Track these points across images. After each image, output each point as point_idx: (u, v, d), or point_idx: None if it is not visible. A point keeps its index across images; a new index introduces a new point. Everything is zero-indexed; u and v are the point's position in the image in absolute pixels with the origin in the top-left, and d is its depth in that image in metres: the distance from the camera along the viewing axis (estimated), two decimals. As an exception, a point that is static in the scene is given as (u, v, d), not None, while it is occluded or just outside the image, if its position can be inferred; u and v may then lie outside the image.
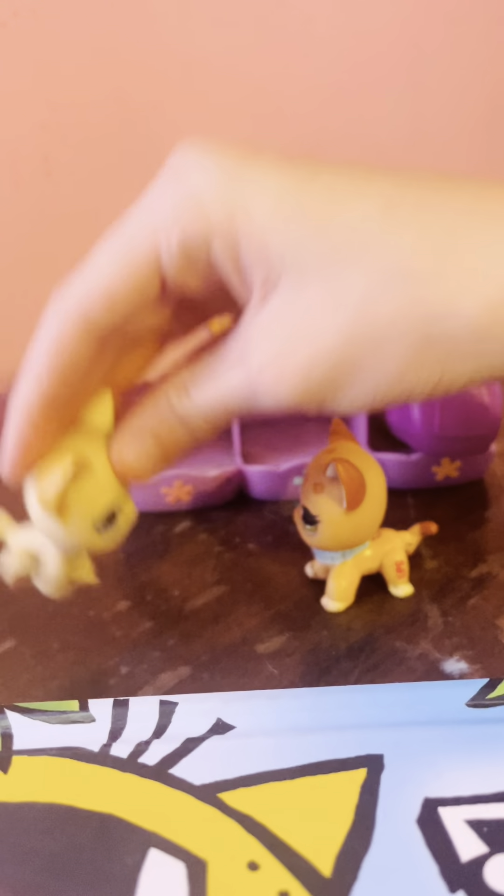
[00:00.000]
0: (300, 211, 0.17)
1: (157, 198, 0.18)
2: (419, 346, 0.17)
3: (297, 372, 0.17)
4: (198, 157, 0.18)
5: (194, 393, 0.19)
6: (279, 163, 0.18)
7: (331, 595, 0.26)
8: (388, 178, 0.17)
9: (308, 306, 0.17)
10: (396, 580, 0.27)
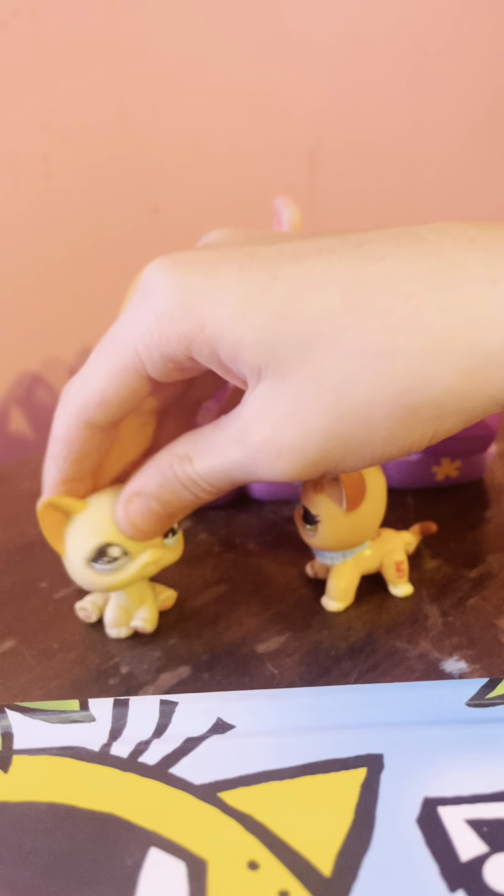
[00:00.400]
0: (265, 312, 0.18)
1: (133, 318, 0.20)
2: (404, 415, 0.18)
3: (292, 452, 0.19)
4: (163, 277, 0.19)
5: (197, 463, 0.21)
6: (240, 271, 0.19)
7: (331, 595, 0.26)
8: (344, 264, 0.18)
9: (293, 392, 0.18)
10: (396, 580, 0.27)
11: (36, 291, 0.44)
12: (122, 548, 0.23)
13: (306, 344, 0.18)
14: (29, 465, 0.38)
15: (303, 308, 0.18)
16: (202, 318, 0.19)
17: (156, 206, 0.47)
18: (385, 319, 0.18)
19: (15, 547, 0.31)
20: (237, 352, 0.19)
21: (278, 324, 0.18)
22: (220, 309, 0.18)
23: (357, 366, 0.18)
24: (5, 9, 0.38)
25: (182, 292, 0.19)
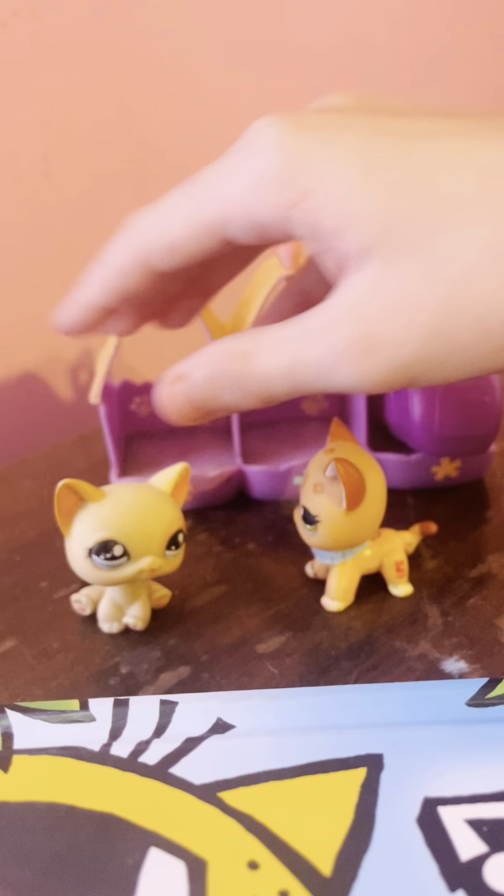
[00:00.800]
0: (391, 185, 0.16)
1: (229, 173, 0.18)
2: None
3: (386, 348, 0.17)
4: (273, 137, 0.17)
5: (258, 360, 0.19)
6: (366, 141, 0.17)
7: (331, 595, 0.26)
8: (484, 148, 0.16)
9: (401, 280, 0.17)
10: (396, 580, 0.27)
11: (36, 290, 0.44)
12: (124, 548, 0.23)
13: (431, 226, 0.16)
14: (29, 464, 0.38)
15: (434, 187, 0.16)
16: (311, 184, 0.17)
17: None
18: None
19: (15, 547, 0.31)
20: (346, 225, 0.17)
21: (403, 200, 0.16)
22: (334, 176, 0.17)
23: (484, 258, 0.16)
24: (5, 9, 0.38)
25: (292, 155, 0.17)
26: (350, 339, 0.17)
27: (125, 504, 0.23)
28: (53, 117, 0.42)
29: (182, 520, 0.25)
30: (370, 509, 0.25)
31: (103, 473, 0.36)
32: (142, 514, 0.23)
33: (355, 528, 0.25)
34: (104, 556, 0.23)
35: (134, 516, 0.23)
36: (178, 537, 0.24)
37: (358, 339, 0.17)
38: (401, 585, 0.27)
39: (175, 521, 0.24)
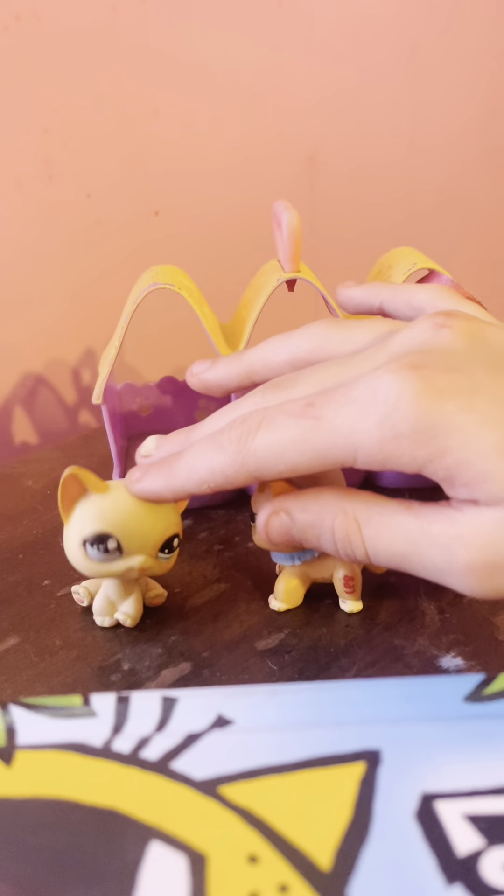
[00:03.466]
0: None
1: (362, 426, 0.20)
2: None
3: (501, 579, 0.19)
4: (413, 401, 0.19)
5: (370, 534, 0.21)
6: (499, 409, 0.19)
7: (276, 595, 0.26)
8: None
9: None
10: (343, 594, 0.26)
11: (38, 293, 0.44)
12: (119, 543, 0.23)
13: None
14: (31, 464, 0.39)
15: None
16: (449, 446, 0.19)
17: (156, 210, 0.48)
18: None
19: (18, 545, 0.31)
20: (480, 482, 0.19)
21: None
22: (473, 441, 0.19)
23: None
24: (7, 13, 0.38)
25: (431, 419, 0.19)
26: (474, 564, 0.20)
27: (127, 501, 0.24)
28: (55, 121, 0.42)
29: (180, 525, 0.25)
30: None
31: (105, 473, 0.36)
32: (141, 513, 0.24)
33: None
34: (98, 547, 0.23)
35: (133, 514, 0.24)
36: (174, 542, 0.24)
37: (482, 566, 0.19)
38: (349, 601, 0.26)
39: (173, 525, 0.24)
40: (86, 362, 0.48)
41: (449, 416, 0.19)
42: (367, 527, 0.21)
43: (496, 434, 0.19)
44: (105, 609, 0.26)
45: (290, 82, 0.52)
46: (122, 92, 0.44)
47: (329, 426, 0.20)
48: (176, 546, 0.25)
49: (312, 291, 0.52)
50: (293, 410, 0.21)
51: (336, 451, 0.20)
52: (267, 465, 0.21)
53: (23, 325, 0.44)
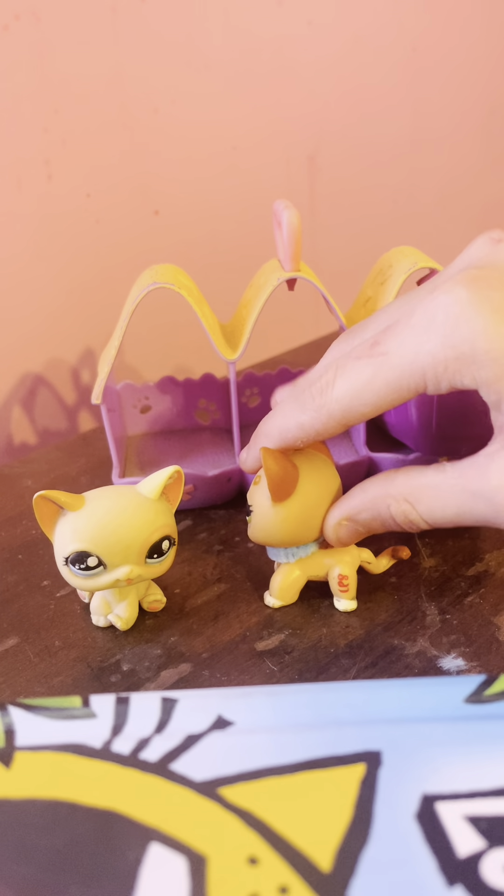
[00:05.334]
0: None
1: (427, 348, 0.20)
2: None
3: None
4: (474, 319, 0.19)
5: (422, 508, 0.22)
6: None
7: (271, 591, 0.26)
8: None
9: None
10: (338, 593, 0.26)
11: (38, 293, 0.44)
12: (99, 559, 0.23)
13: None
14: (31, 464, 0.39)
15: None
16: None
17: (156, 209, 0.48)
18: None
19: (17, 546, 0.31)
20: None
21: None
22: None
23: None
24: (7, 12, 0.38)
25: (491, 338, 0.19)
26: None
27: (101, 514, 0.23)
28: (55, 121, 0.42)
29: (169, 526, 0.24)
30: (307, 509, 0.24)
31: (105, 473, 0.36)
32: (118, 524, 0.23)
33: (284, 523, 0.24)
34: (78, 566, 0.23)
35: (109, 527, 0.23)
36: (163, 545, 0.24)
37: None
38: (343, 600, 0.26)
39: (158, 528, 0.24)
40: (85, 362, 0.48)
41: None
42: (419, 504, 0.22)
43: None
44: (101, 608, 0.26)
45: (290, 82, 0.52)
46: (121, 91, 0.44)
47: (396, 358, 0.21)
48: (167, 549, 0.24)
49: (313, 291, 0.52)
50: (361, 353, 0.22)
51: (407, 380, 0.21)
52: (351, 410, 0.22)
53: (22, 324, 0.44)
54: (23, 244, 0.43)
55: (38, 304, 0.45)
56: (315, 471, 0.25)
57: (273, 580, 0.26)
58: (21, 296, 0.44)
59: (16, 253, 0.43)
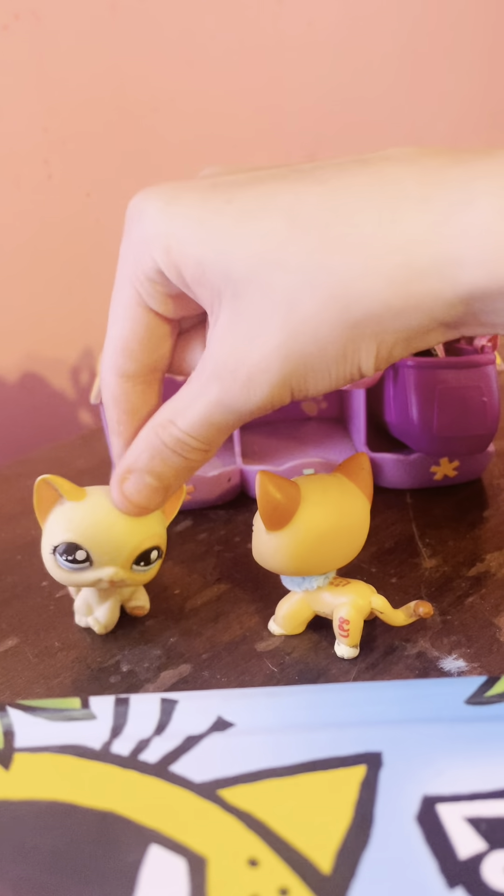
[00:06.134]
0: (219, 232, 0.19)
1: (123, 252, 0.21)
2: (348, 330, 0.19)
3: (259, 374, 0.19)
4: (137, 206, 0.20)
5: (180, 421, 0.21)
6: (201, 193, 0.20)
7: (275, 617, 0.26)
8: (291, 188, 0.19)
9: (249, 312, 0.19)
10: (339, 636, 0.24)
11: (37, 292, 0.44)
12: (88, 554, 0.23)
13: (255, 262, 0.19)
14: (29, 464, 0.39)
15: (252, 227, 0.19)
16: (169, 242, 0.20)
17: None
18: (325, 236, 0.18)
19: (16, 546, 0.31)
20: (200, 273, 0.19)
21: (231, 243, 0.19)
22: (181, 231, 0.19)
23: (301, 281, 0.18)
24: (7, 12, 0.38)
25: (152, 218, 0.20)
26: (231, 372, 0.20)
27: (101, 510, 0.23)
28: (54, 120, 0.42)
29: (161, 537, 0.24)
30: (308, 541, 0.23)
31: (105, 473, 0.36)
32: (114, 524, 0.23)
33: (278, 553, 0.23)
34: (66, 557, 0.23)
35: (106, 525, 0.23)
36: (151, 555, 0.24)
37: (236, 370, 0.19)
38: (342, 644, 0.24)
39: (150, 537, 0.24)
40: (84, 362, 0.48)
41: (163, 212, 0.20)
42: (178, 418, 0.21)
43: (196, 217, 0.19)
44: (83, 609, 0.26)
45: (290, 80, 0.52)
46: (121, 90, 0.44)
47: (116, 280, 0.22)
48: (154, 559, 0.24)
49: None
50: None
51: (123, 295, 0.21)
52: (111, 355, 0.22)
53: (22, 324, 0.44)
54: (22, 243, 0.43)
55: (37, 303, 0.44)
56: (327, 501, 0.23)
57: (279, 607, 0.25)
58: (21, 295, 0.44)
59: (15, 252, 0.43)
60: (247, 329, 0.19)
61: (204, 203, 0.20)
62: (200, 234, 0.19)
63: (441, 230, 0.18)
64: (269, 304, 0.19)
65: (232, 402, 0.20)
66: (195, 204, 0.20)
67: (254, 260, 0.19)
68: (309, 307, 0.18)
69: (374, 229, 0.18)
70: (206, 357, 0.20)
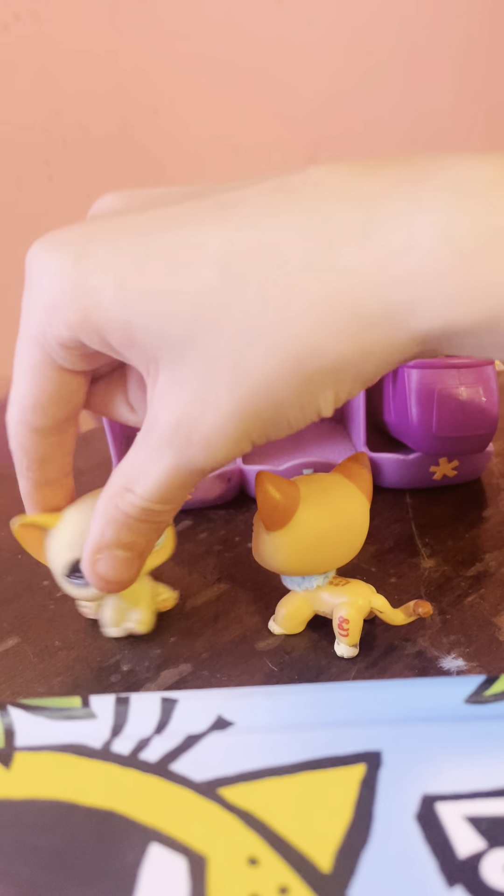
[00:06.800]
0: (143, 294, 0.17)
1: (26, 312, 0.20)
2: (304, 385, 0.18)
3: (217, 436, 0.18)
4: (40, 264, 0.19)
5: (139, 489, 0.20)
6: (113, 242, 0.18)
7: (275, 617, 0.26)
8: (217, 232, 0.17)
9: (194, 377, 0.18)
10: (338, 636, 0.24)
11: (37, 292, 0.44)
12: None
13: (191, 324, 0.17)
14: (30, 465, 0.39)
15: (182, 284, 0.17)
16: (85, 305, 0.18)
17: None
18: (263, 291, 0.17)
19: (16, 546, 0.31)
20: (128, 340, 0.18)
21: (161, 304, 0.17)
22: (99, 295, 0.18)
23: (245, 342, 0.17)
24: (7, 12, 0.38)
25: (59, 279, 0.18)
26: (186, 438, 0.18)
27: (81, 519, 0.23)
28: (55, 121, 0.42)
29: None
30: (307, 541, 0.23)
31: (105, 473, 0.36)
32: None
33: (278, 553, 0.23)
34: (77, 575, 0.23)
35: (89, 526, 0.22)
36: None
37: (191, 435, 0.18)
38: (342, 644, 0.24)
39: None
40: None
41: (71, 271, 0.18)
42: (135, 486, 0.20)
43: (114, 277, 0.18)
44: (116, 619, 0.25)
45: (290, 82, 0.52)
46: (121, 92, 0.44)
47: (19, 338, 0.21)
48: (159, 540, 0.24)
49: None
50: None
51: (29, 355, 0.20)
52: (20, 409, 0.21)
53: (22, 324, 0.44)
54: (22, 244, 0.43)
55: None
56: (327, 500, 0.23)
57: (279, 606, 0.26)
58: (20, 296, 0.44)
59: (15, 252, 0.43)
60: (193, 393, 0.18)
61: (119, 256, 0.18)
62: (123, 296, 0.17)
63: (388, 272, 0.16)
64: (215, 367, 0.17)
65: (190, 464, 0.19)
66: (109, 258, 0.18)
67: (189, 320, 0.17)
68: (259, 368, 0.17)
69: (313, 280, 0.17)
70: (151, 421, 0.19)
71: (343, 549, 0.24)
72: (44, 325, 0.19)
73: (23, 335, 0.20)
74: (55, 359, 0.19)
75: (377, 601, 0.24)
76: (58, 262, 0.18)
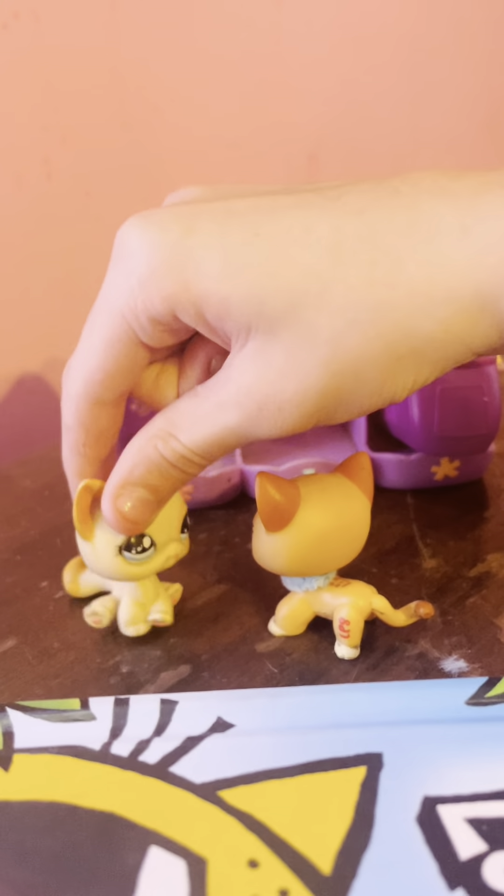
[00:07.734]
0: (250, 269, 0.18)
1: (115, 284, 0.20)
2: (391, 366, 0.19)
3: (291, 407, 0.19)
4: (140, 238, 0.19)
5: (184, 437, 0.20)
6: (220, 228, 0.19)
7: (275, 618, 0.26)
8: (325, 219, 0.19)
9: (287, 349, 0.19)
10: (339, 637, 0.24)
11: (37, 292, 0.44)
12: (151, 539, 0.23)
13: (295, 300, 0.18)
14: (29, 464, 0.38)
15: (289, 264, 0.18)
16: (186, 278, 0.19)
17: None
18: (370, 274, 0.18)
19: (16, 546, 0.31)
20: (224, 311, 0.19)
21: (265, 281, 0.18)
22: (203, 267, 0.18)
23: (347, 320, 0.18)
24: (6, 10, 0.38)
25: (162, 252, 0.19)
26: (260, 403, 0.19)
27: None
28: (54, 119, 0.42)
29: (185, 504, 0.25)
30: (307, 542, 0.23)
31: (104, 473, 0.36)
32: None
33: (278, 554, 0.23)
34: (135, 550, 0.23)
35: None
36: (187, 520, 0.25)
37: (267, 401, 0.19)
38: (342, 645, 0.24)
39: (182, 504, 0.25)
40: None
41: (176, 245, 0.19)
42: (180, 433, 0.20)
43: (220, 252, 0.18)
44: (137, 616, 0.25)
45: (291, 81, 0.52)
46: (121, 90, 0.44)
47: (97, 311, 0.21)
48: (189, 524, 0.25)
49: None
50: None
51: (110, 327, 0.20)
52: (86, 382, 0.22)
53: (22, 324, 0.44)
54: (22, 243, 0.43)
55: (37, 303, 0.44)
56: (327, 501, 0.23)
57: (279, 607, 0.25)
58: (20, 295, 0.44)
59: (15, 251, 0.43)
60: (281, 364, 0.19)
61: (228, 233, 0.19)
62: (228, 268, 0.18)
63: (482, 260, 0.18)
64: (311, 343, 0.18)
65: (251, 430, 0.20)
66: (218, 234, 0.19)
67: (293, 297, 0.18)
68: (355, 346, 0.18)
69: (416, 266, 0.18)
70: (222, 381, 0.20)
71: (344, 549, 0.24)
72: (135, 297, 0.19)
73: (103, 309, 0.20)
74: (138, 333, 0.20)
75: (378, 602, 0.24)
76: (160, 235, 0.19)
